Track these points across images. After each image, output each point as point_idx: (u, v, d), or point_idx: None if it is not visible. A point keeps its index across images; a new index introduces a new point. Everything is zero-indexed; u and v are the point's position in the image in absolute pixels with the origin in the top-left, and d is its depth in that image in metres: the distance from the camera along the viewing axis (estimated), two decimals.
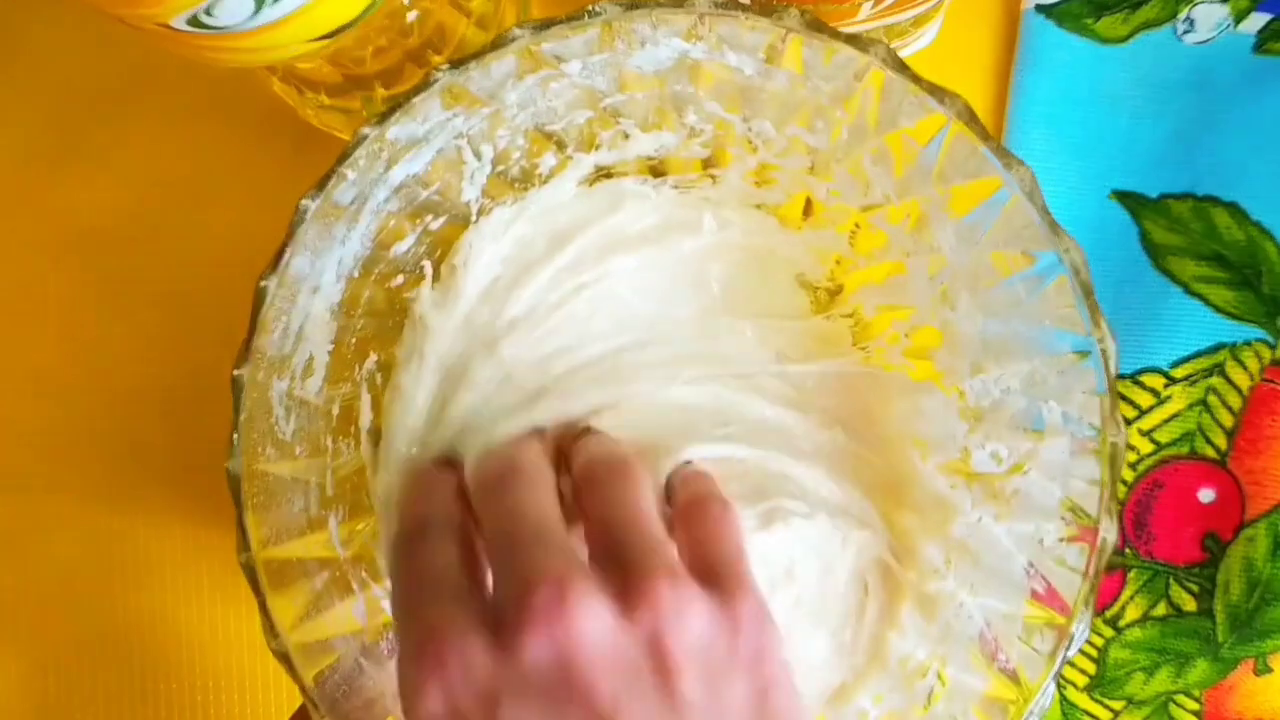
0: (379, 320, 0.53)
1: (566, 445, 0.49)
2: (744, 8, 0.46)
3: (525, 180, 0.54)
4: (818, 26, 0.46)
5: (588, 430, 0.50)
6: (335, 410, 0.52)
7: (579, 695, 0.35)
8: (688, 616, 0.37)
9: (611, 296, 0.54)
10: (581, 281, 0.53)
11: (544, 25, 0.47)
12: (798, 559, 0.51)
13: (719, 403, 0.53)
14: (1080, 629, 0.46)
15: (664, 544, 0.40)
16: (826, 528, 0.51)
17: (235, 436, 0.47)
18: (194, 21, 0.45)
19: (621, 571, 0.38)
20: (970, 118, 0.46)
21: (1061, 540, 0.48)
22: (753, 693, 0.37)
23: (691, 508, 0.44)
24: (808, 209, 0.55)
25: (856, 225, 0.54)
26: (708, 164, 0.55)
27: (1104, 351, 0.46)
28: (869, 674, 0.53)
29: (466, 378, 0.52)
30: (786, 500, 0.51)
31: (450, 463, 0.49)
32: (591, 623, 0.36)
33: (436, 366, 0.52)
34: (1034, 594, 0.48)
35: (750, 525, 0.50)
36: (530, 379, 0.52)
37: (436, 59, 0.60)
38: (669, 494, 0.47)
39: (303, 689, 0.47)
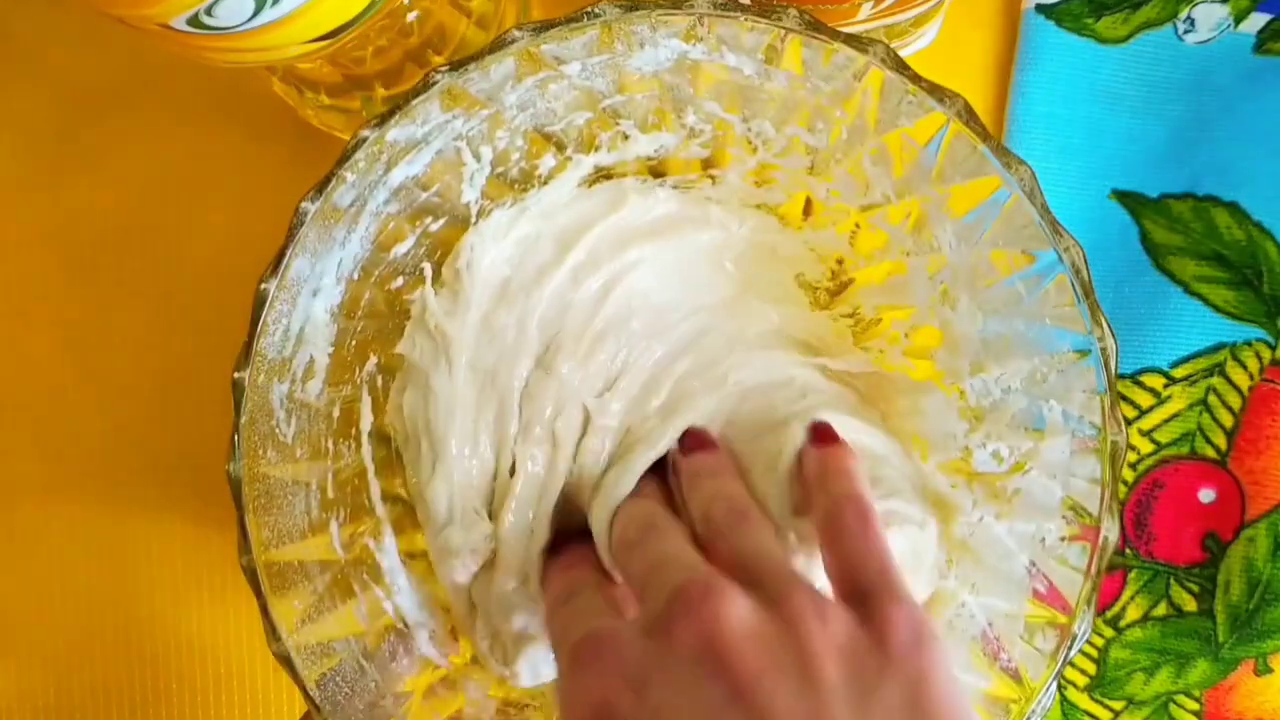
0: (379, 322, 0.53)
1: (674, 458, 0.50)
2: (743, 8, 0.46)
3: (525, 182, 0.54)
4: (816, 27, 0.46)
5: (690, 440, 0.50)
6: (336, 413, 0.52)
7: (722, 668, 0.36)
8: (830, 618, 0.38)
9: (639, 293, 0.54)
10: (605, 280, 0.53)
11: (543, 27, 0.47)
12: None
13: (786, 376, 0.54)
14: (1082, 628, 0.46)
15: (799, 574, 0.41)
16: (931, 541, 0.52)
17: (236, 439, 0.47)
18: (194, 22, 0.45)
19: (762, 590, 0.39)
20: (969, 117, 0.46)
21: (1063, 539, 0.48)
22: (906, 699, 0.37)
23: (831, 520, 0.44)
24: (808, 209, 0.55)
25: (857, 225, 0.54)
26: (707, 164, 0.55)
27: (1104, 350, 0.46)
28: None
29: (532, 402, 0.52)
30: (900, 503, 0.51)
31: (566, 534, 0.51)
32: (736, 608, 0.37)
33: (469, 371, 0.52)
34: (1036, 593, 0.48)
35: None
36: (608, 414, 0.52)
37: (437, 59, 0.60)
38: (802, 466, 0.48)
39: (304, 691, 0.47)
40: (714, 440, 0.50)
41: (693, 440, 0.50)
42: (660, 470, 0.51)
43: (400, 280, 0.53)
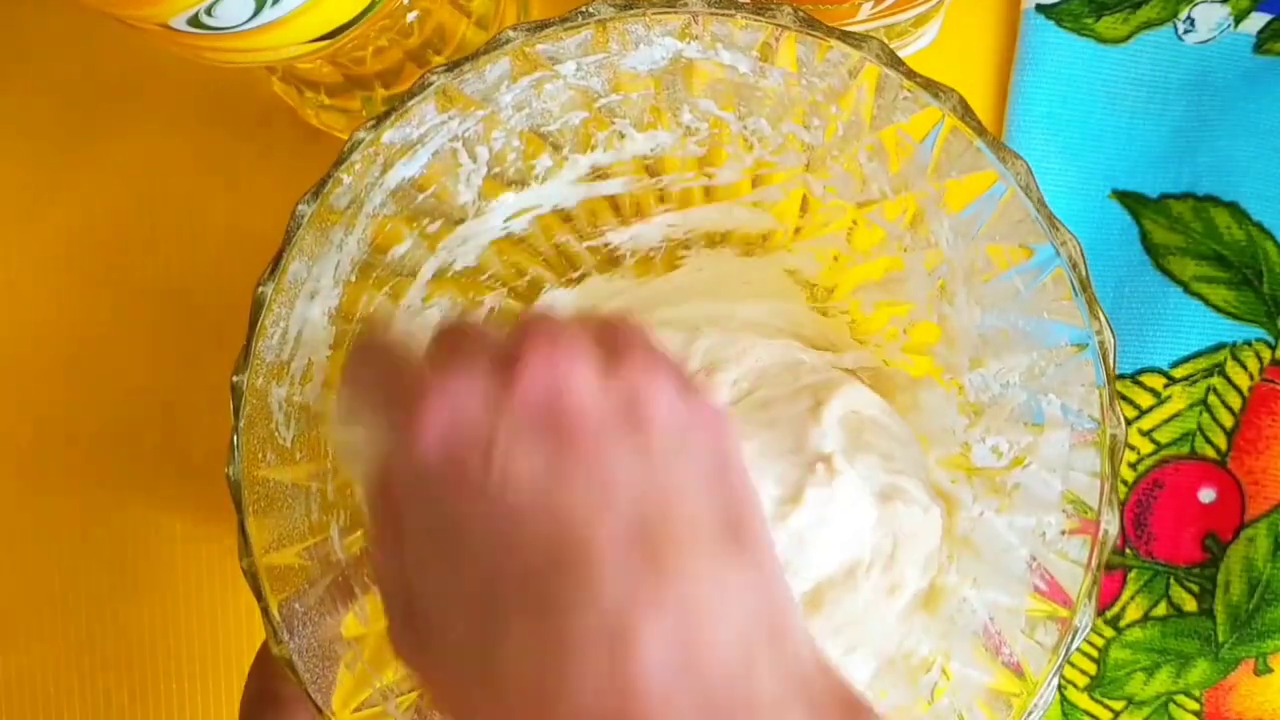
0: (379, 324, 0.53)
1: None
2: (738, 6, 0.46)
3: (521, 182, 0.54)
4: (811, 23, 0.46)
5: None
6: (336, 415, 0.52)
7: (566, 435, 0.37)
8: (663, 381, 0.39)
9: None
10: None
11: (538, 27, 0.47)
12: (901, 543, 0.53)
13: (796, 359, 0.55)
14: (1083, 621, 0.46)
15: (647, 338, 0.42)
16: (935, 527, 0.52)
17: (235, 443, 0.47)
18: (194, 22, 0.45)
19: (609, 345, 0.40)
20: (965, 112, 0.45)
21: (1063, 533, 0.48)
22: (713, 450, 0.39)
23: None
24: (804, 206, 0.55)
25: (854, 222, 0.53)
26: (703, 163, 0.54)
27: (1102, 344, 0.46)
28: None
29: None
30: (909, 482, 0.52)
31: None
32: (581, 368, 0.38)
33: None
34: (1036, 588, 0.48)
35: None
36: None
37: (437, 59, 0.60)
38: None
39: (306, 693, 0.47)
40: None
41: None
42: None
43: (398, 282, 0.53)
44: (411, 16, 0.57)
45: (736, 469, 0.40)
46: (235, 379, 0.47)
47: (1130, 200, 0.62)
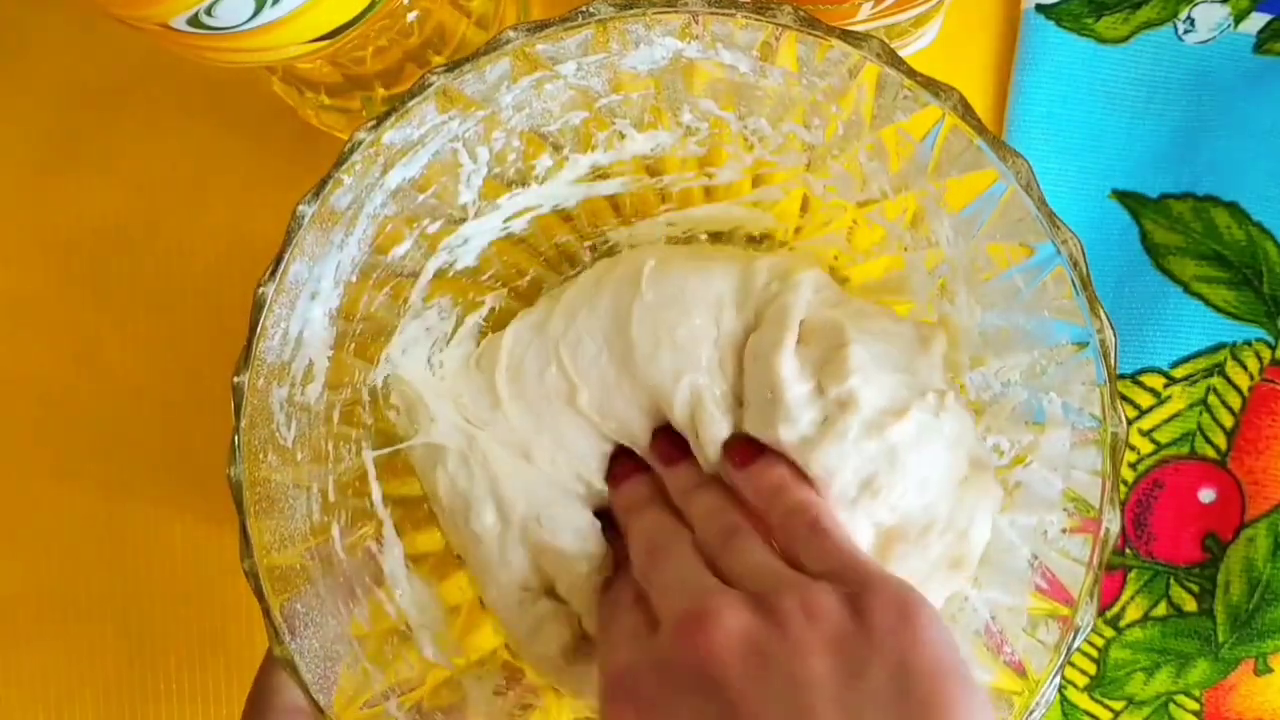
0: (378, 325, 0.53)
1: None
2: (738, 6, 0.46)
3: (521, 182, 0.54)
4: (811, 23, 0.46)
5: (665, 451, 0.52)
6: (336, 416, 0.52)
7: (715, 686, 0.38)
8: (819, 613, 0.39)
9: None
10: None
11: (538, 27, 0.47)
12: None
13: None
14: (1085, 619, 0.46)
15: (790, 576, 0.42)
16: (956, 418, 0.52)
17: (236, 443, 0.47)
18: (194, 22, 0.45)
19: (759, 596, 0.41)
20: (965, 111, 0.45)
21: (1064, 531, 0.48)
22: (890, 666, 0.38)
23: (789, 542, 0.45)
24: (805, 205, 0.55)
25: (854, 221, 0.53)
26: (704, 162, 0.54)
27: (1103, 342, 0.46)
28: None
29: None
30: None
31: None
32: (728, 625, 0.39)
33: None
34: (1038, 586, 0.48)
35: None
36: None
37: (437, 59, 0.60)
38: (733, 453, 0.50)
39: (308, 694, 0.47)
40: (686, 447, 0.52)
41: (667, 452, 0.52)
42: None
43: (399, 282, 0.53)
44: (411, 16, 0.57)
45: (925, 680, 0.38)
46: (236, 379, 0.47)
47: (1130, 200, 0.62)
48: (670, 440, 0.52)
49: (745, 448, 0.50)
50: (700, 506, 0.49)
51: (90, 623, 0.65)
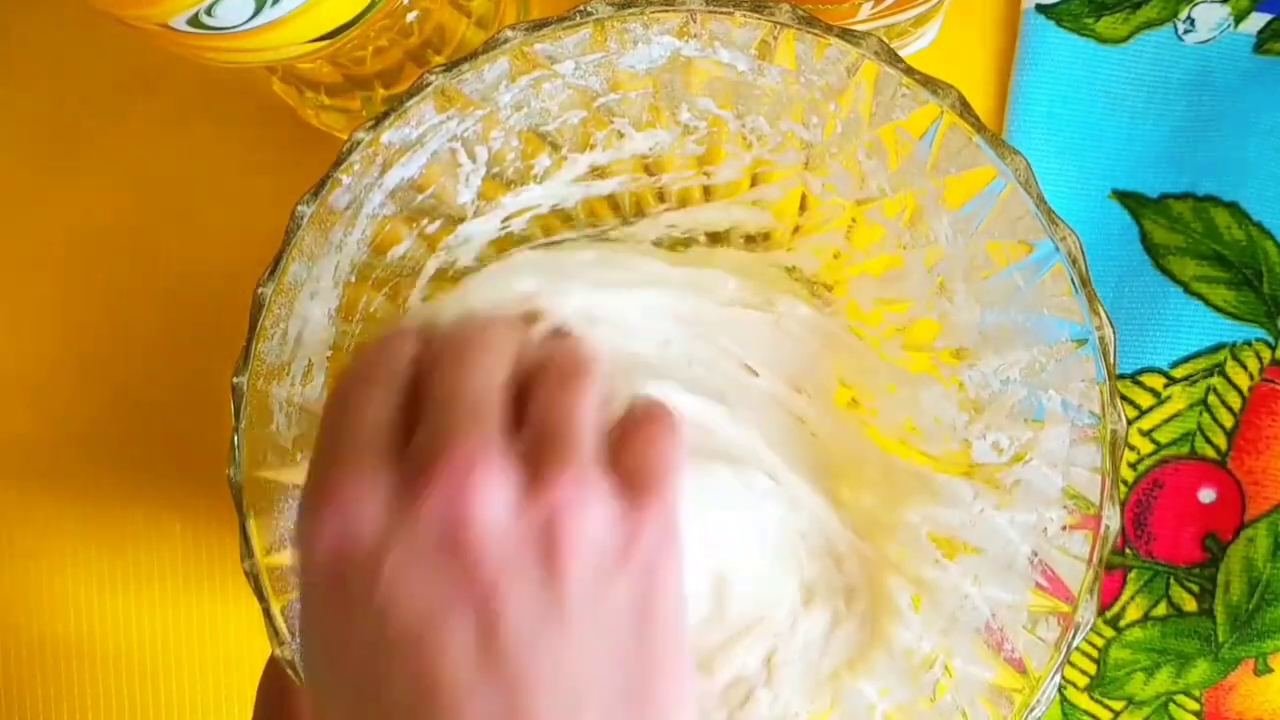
0: (377, 325, 0.53)
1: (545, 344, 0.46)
2: (736, 4, 0.46)
3: (520, 182, 0.54)
4: (809, 21, 0.46)
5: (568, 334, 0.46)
6: None
7: (462, 565, 0.35)
8: (588, 509, 0.36)
9: None
10: None
11: (536, 26, 0.47)
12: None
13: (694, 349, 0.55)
14: (1085, 617, 0.46)
15: (585, 444, 0.38)
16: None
17: (236, 444, 0.47)
18: (194, 22, 0.45)
19: (537, 457, 0.37)
20: (964, 109, 0.46)
21: (1064, 529, 0.48)
22: (636, 597, 0.36)
23: (639, 417, 0.41)
24: (803, 204, 0.55)
25: (853, 220, 0.54)
26: (702, 161, 0.55)
27: (1102, 339, 0.46)
28: (872, 660, 0.53)
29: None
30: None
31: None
32: (492, 495, 0.36)
33: None
34: (1038, 583, 0.48)
35: None
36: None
37: (437, 59, 0.60)
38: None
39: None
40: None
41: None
42: None
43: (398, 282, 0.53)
44: (411, 16, 0.57)
45: (660, 617, 0.37)
46: (236, 380, 0.47)
47: (1130, 200, 0.62)
48: None
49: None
50: (571, 343, 0.44)
51: (88, 624, 0.65)
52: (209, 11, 0.45)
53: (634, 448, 0.39)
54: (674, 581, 0.37)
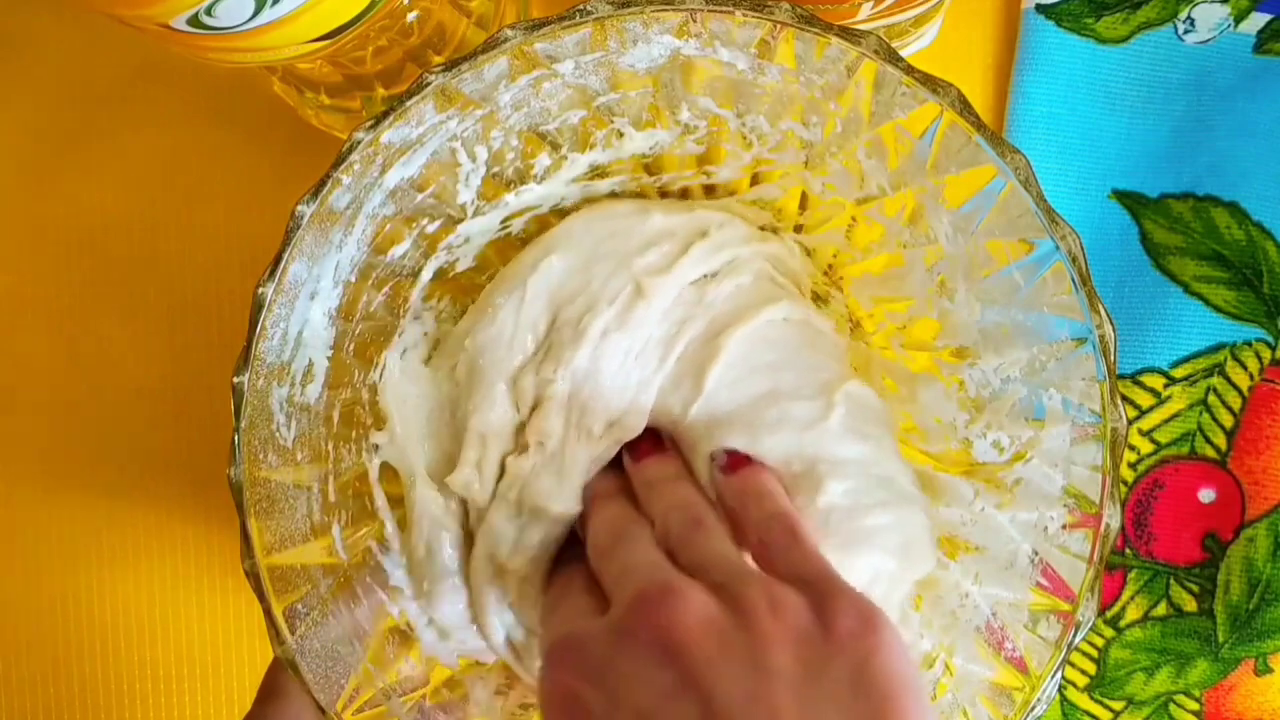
0: (377, 324, 0.53)
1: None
2: (736, 3, 0.46)
3: (520, 181, 0.54)
4: (809, 20, 0.46)
5: (641, 447, 0.51)
6: (336, 416, 0.52)
7: (675, 655, 0.38)
8: (783, 609, 0.39)
9: None
10: None
11: (536, 25, 0.47)
12: None
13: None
14: (1086, 615, 0.46)
15: (754, 572, 0.42)
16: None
17: (236, 444, 0.47)
18: (194, 22, 0.45)
19: (722, 589, 0.40)
20: (964, 107, 0.46)
21: (1065, 527, 0.48)
22: (851, 667, 0.38)
23: (764, 545, 0.45)
24: (803, 203, 0.55)
25: (853, 219, 0.54)
26: (702, 160, 0.55)
27: (1102, 337, 0.46)
28: None
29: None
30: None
31: None
32: (693, 603, 0.39)
33: (545, 302, 0.52)
34: (1038, 583, 0.48)
35: None
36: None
37: (437, 59, 0.60)
38: (723, 498, 0.49)
39: (311, 695, 0.47)
40: (663, 444, 0.52)
41: (643, 447, 0.51)
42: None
43: (398, 282, 0.53)
44: (411, 16, 0.57)
45: (886, 676, 0.38)
46: (236, 380, 0.47)
47: (1130, 200, 0.62)
48: (646, 438, 0.52)
49: (736, 453, 0.49)
50: (668, 498, 0.48)
51: (89, 624, 0.65)
52: (209, 11, 0.44)
53: (785, 561, 0.43)
54: (889, 652, 0.39)
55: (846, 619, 0.39)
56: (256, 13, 0.46)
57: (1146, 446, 0.61)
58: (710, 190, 0.56)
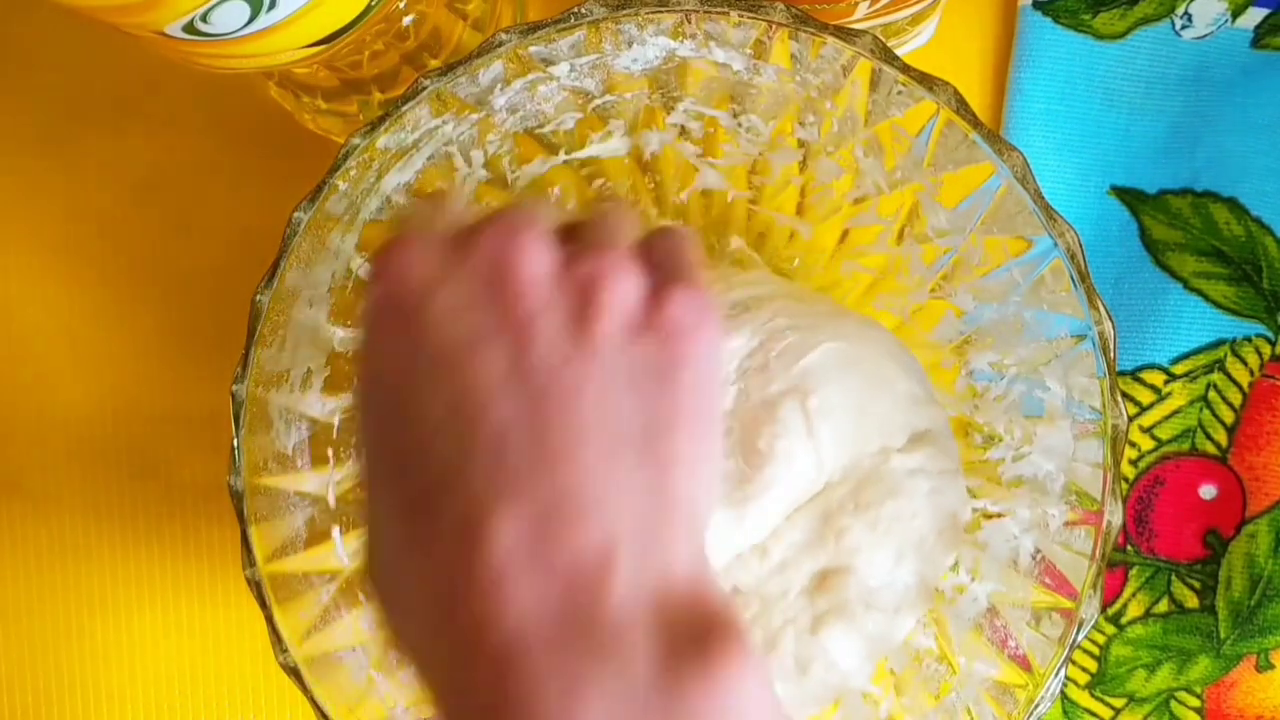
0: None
1: None
2: (731, 3, 0.46)
3: (515, 185, 0.54)
4: (804, 20, 0.46)
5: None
6: (336, 422, 0.52)
7: (504, 301, 0.37)
8: (622, 278, 0.38)
9: None
10: None
11: (531, 28, 0.47)
12: None
13: None
14: (1089, 613, 0.46)
15: (624, 243, 0.41)
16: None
17: (236, 452, 0.47)
18: (189, 29, 0.45)
19: (579, 239, 0.40)
20: (960, 105, 0.46)
21: (1066, 525, 0.48)
22: (664, 358, 0.38)
23: (662, 228, 0.43)
24: (800, 203, 0.55)
25: (851, 218, 0.54)
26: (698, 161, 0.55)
27: (1102, 334, 0.46)
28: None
29: None
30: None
31: None
32: (537, 252, 0.38)
33: None
34: (1041, 580, 0.48)
35: None
36: None
37: (433, 62, 0.60)
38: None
39: (313, 702, 0.47)
40: None
41: None
42: None
43: None
44: (407, 20, 0.56)
45: (688, 382, 0.38)
46: (235, 388, 0.47)
47: (1129, 196, 0.62)
48: None
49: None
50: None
51: (89, 632, 0.65)
52: (204, 18, 0.44)
53: (660, 244, 0.41)
54: (705, 351, 0.39)
55: (677, 308, 0.38)
56: (252, 19, 0.46)
57: (1147, 443, 0.61)
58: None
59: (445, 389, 0.37)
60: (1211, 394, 0.60)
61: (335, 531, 0.51)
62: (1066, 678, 0.60)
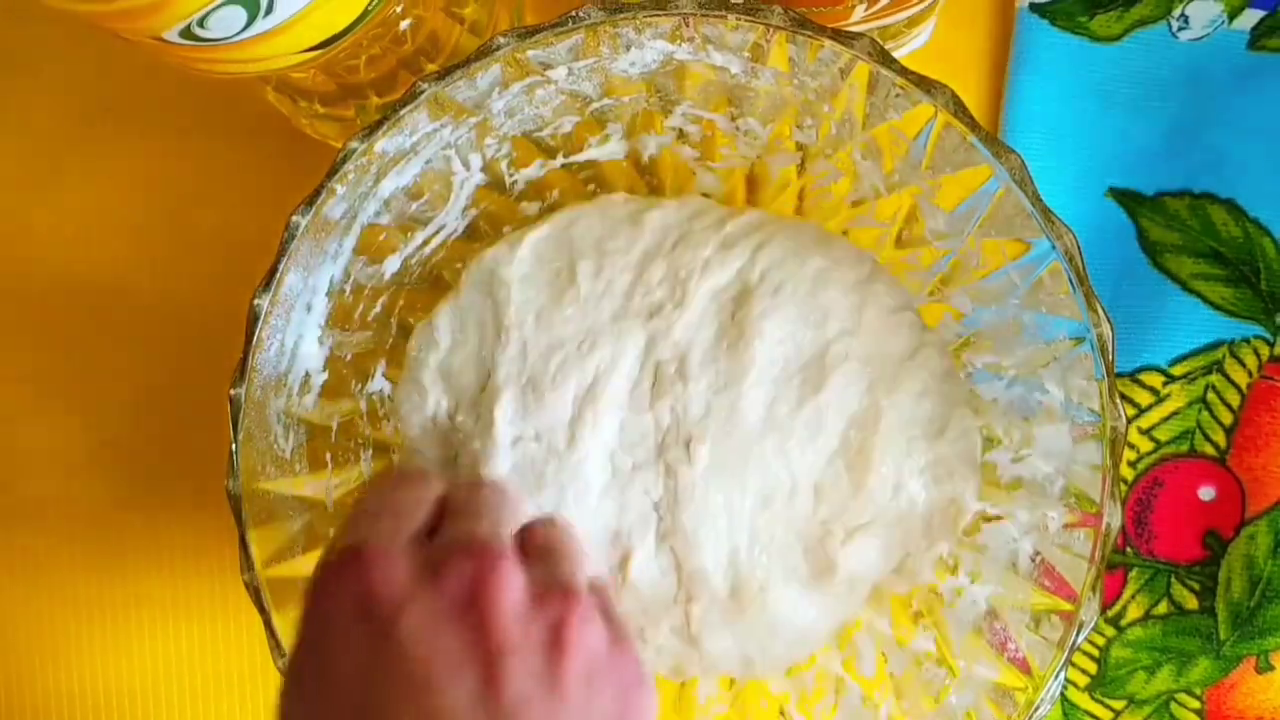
0: (374, 334, 0.53)
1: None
2: (729, 7, 0.46)
3: (513, 189, 0.54)
4: (802, 23, 0.46)
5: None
6: (334, 426, 0.52)
7: (477, 631, 0.39)
8: (592, 624, 0.41)
9: None
10: None
11: (528, 32, 0.47)
12: None
13: None
14: (1088, 615, 0.46)
15: (582, 576, 0.43)
16: None
17: (234, 456, 0.47)
18: (187, 34, 0.45)
19: (547, 576, 0.42)
20: (958, 108, 0.46)
21: (1065, 527, 0.48)
22: (619, 708, 0.40)
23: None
24: (799, 205, 0.55)
25: (849, 220, 0.54)
26: (697, 164, 0.55)
27: (1100, 336, 0.46)
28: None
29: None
30: None
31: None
32: (512, 584, 0.40)
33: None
34: (1040, 583, 0.48)
35: None
36: None
37: (430, 66, 0.60)
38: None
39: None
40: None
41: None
42: None
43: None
44: (404, 24, 0.56)
45: (640, 702, 0.41)
46: (233, 392, 0.47)
47: (1127, 198, 0.62)
48: None
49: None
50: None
51: (88, 637, 0.65)
52: (201, 24, 0.44)
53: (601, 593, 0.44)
54: (647, 704, 0.42)
55: (630, 665, 0.42)
56: (249, 24, 0.46)
57: (1146, 445, 0.61)
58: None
59: (412, 707, 0.38)
60: (1210, 395, 0.60)
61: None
62: (1066, 680, 0.60)
